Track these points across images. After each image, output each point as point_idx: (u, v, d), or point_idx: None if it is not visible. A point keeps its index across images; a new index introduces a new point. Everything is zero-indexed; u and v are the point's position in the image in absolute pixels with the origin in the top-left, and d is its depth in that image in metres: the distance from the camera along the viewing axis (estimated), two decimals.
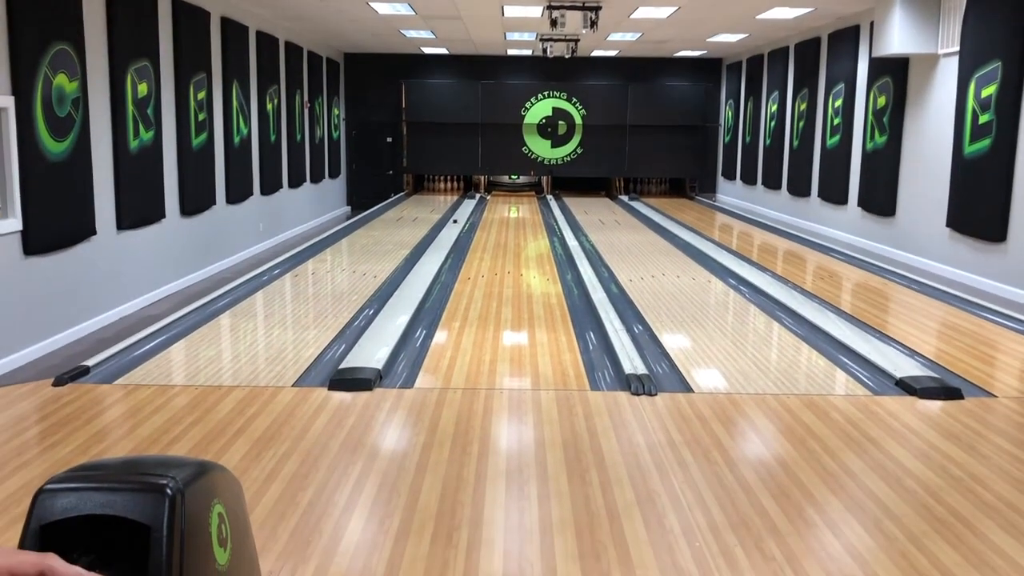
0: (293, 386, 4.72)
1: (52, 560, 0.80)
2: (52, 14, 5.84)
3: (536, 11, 10.52)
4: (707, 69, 17.11)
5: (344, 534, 3.02)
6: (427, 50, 15.82)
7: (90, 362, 5.08)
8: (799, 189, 12.98)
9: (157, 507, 0.89)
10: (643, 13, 10.73)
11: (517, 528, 3.07)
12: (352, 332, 5.90)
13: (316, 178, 13.77)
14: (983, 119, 7.93)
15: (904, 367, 5.03)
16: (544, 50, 13.01)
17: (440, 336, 5.91)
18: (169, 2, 8.00)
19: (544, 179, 17.46)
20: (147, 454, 3.67)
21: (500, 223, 12.68)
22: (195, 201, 8.57)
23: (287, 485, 3.41)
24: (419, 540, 2.97)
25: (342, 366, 4.96)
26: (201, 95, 8.67)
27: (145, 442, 3.88)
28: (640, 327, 6.15)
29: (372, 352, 5.25)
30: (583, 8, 9.76)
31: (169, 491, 0.89)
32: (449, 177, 17.92)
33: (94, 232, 6.52)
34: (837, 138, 11.56)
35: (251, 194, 10.41)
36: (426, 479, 3.48)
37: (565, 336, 5.89)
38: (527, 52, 15.99)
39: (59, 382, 4.72)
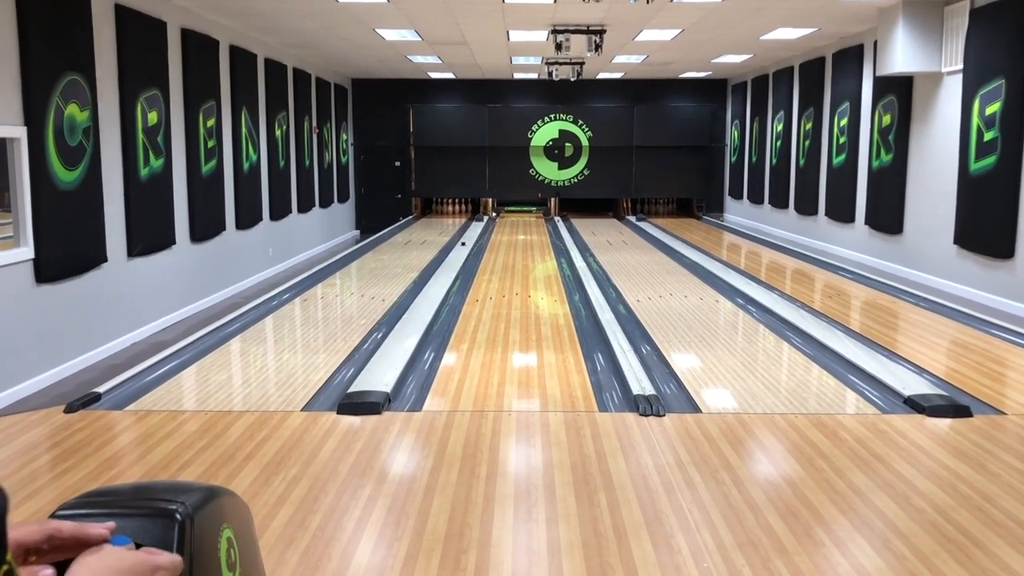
0: (302, 410, 4.74)
1: (54, 522, 0.87)
2: (63, 45, 5.94)
3: (541, 36, 10.62)
4: (712, 90, 17.19)
5: (353, 558, 3.03)
6: (434, 75, 15.96)
7: (101, 389, 5.12)
8: (806, 208, 13.00)
9: (167, 532, 0.91)
10: (647, 36, 10.81)
11: (525, 550, 3.08)
12: (361, 356, 5.93)
13: (325, 203, 13.87)
14: (988, 136, 7.95)
15: (913, 385, 5.02)
16: (550, 73, 13.12)
17: (448, 358, 5.93)
18: (178, 31, 8.12)
19: (552, 201, 17.54)
20: (157, 480, 3.69)
21: (508, 245, 12.72)
22: (205, 227, 8.64)
23: (296, 509, 3.43)
24: (428, 563, 2.98)
25: (351, 390, 4.99)
26: (211, 122, 8.77)
27: (156, 468, 3.90)
28: (648, 347, 6.16)
29: (381, 375, 5.27)
30: (588, 32, 9.85)
31: (179, 516, 0.92)
32: (457, 200, 18.02)
33: (105, 259, 6.59)
34: (843, 156, 11.58)
35: (260, 219, 10.49)
36: (434, 502, 3.49)
37: (573, 357, 5.91)
38: (533, 76, 16.11)
39: (70, 409, 4.75)
